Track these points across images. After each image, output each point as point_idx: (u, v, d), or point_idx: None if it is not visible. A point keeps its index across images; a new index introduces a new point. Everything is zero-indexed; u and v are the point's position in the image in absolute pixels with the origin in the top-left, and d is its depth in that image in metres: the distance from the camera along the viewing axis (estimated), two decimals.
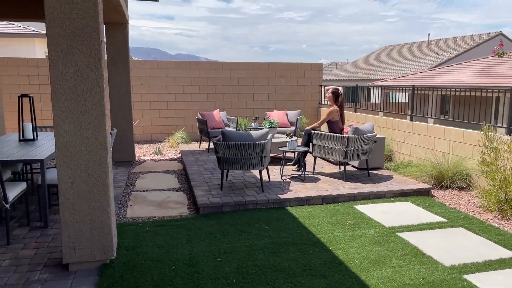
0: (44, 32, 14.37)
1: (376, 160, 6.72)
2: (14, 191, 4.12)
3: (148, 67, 10.35)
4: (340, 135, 5.88)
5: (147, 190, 5.93)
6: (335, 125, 6.40)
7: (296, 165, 6.57)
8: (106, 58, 7.24)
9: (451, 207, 5.23)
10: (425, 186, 5.76)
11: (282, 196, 5.17)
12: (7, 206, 3.92)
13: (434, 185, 6.04)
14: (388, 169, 6.85)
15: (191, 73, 10.61)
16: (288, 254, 3.75)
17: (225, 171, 6.15)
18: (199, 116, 8.64)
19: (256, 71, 11.03)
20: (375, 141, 6.28)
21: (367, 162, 6.24)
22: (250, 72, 10.98)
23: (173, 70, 10.50)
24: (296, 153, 6.61)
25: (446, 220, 4.70)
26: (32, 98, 5.39)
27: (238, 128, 9.37)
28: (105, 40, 5.44)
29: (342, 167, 6.82)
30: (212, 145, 9.17)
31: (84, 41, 3.23)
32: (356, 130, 5.86)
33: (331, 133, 6.04)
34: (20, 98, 5.28)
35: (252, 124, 8.61)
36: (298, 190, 5.48)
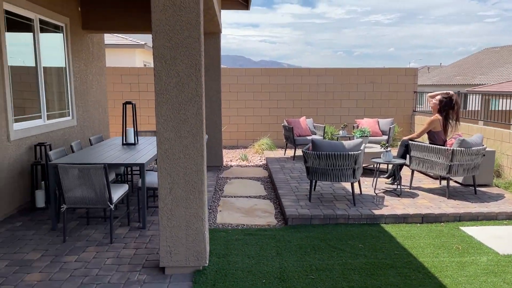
0: (143, 43, 15.56)
1: (483, 176, 6.00)
2: (117, 193, 4.40)
3: (237, 74, 10.58)
4: (444, 147, 5.34)
5: (235, 196, 5.99)
6: (437, 136, 5.84)
7: (391, 178, 6.14)
8: None
9: None
10: None
11: (377, 212, 4.84)
12: (112, 206, 4.18)
13: None
14: (498, 187, 6.08)
15: (277, 80, 10.61)
16: (387, 278, 3.44)
17: (314, 181, 5.96)
18: (285, 123, 8.57)
19: (344, 77, 10.67)
20: (484, 155, 5.61)
21: (474, 178, 5.59)
22: (338, 78, 10.66)
23: (260, 77, 10.60)
24: (391, 165, 6.18)
25: None
26: (135, 105, 5.76)
27: (325, 136, 9.11)
28: None
29: (443, 182, 6.22)
30: (297, 153, 9.04)
31: (186, 52, 3.32)
32: (462, 142, 5.28)
33: (432, 145, 5.52)
34: (124, 105, 5.67)
35: (340, 132, 8.30)
36: (394, 205, 5.09)
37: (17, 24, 5.36)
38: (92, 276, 3.46)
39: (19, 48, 5.44)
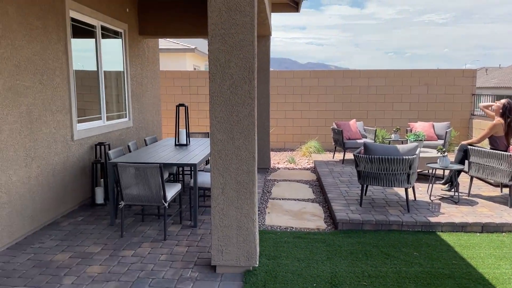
0: (193, 47, 16.01)
1: None
2: (171, 191, 4.55)
3: (285, 77, 10.59)
4: (506, 153, 5.02)
5: (283, 199, 5.98)
6: (499, 141, 5.50)
7: (448, 185, 5.85)
8: None
9: None
10: None
11: (432, 219, 4.63)
12: (166, 205, 4.34)
13: None
14: None
15: (326, 82, 10.50)
16: None
17: (365, 186, 5.82)
18: (334, 126, 8.45)
19: (397, 79, 10.33)
20: None
21: None
22: (390, 80, 10.35)
23: (308, 80, 10.54)
24: (448, 171, 5.89)
25: None
26: (187, 107, 5.94)
27: (376, 139, 8.88)
28: None
29: (505, 190, 5.83)
30: (347, 156, 8.88)
31: (240, 55, 3.37)
32: None
33: (494, 150, 5.20)
34: (177, 107, 5.87)
35: (392, 136, 8.05)
36: (451, 213, 4.85)
37: (81, 30, 5.73)
38: (147, 271, 3.61)
39: (82, 53, 5.81)
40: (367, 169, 5.01)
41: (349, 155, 9.16)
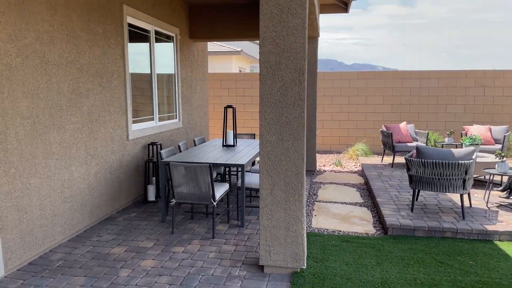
0: (239, 49, 16.23)
1: None
2: (219, 191, 4.65)
3: (332, 78, 10.47)
4: None
5: (329, 202, 5.92)
6: None
7: (506, 192, 5.52)
8: None
9: None
10: None
11: (489, 227, 4.39)
12: (215, 204, 4.44)
13: None
14: None
15: (375, 84, 10.25)
16: None
17: (417, 191, 5.63)
18: (384, 129, 8.24)
19: (451, 80, 9.89)
20: None
21: None
22: (443, 81, 9.92)
23: (356, 81, 10.35)
24: (507, 178, 5.56)
25: None
26: (235, 108, 6.04)
27: (428, 143, 8.55)
28: None
29: None
30: (396, 160, 8.62)
31: (290, 57, 3.40)
32: None
33: None
34: (225, 108, 5.99)
35: (446, 140, 7.72)
36: (510, 221, 4.57)
37: (136, 35, 6.01)
38: (197, 268, 3.71)
39: (137, 57, 6.08)
40: (420, 174, 4.84)
41: (399, 159, 8.88)
